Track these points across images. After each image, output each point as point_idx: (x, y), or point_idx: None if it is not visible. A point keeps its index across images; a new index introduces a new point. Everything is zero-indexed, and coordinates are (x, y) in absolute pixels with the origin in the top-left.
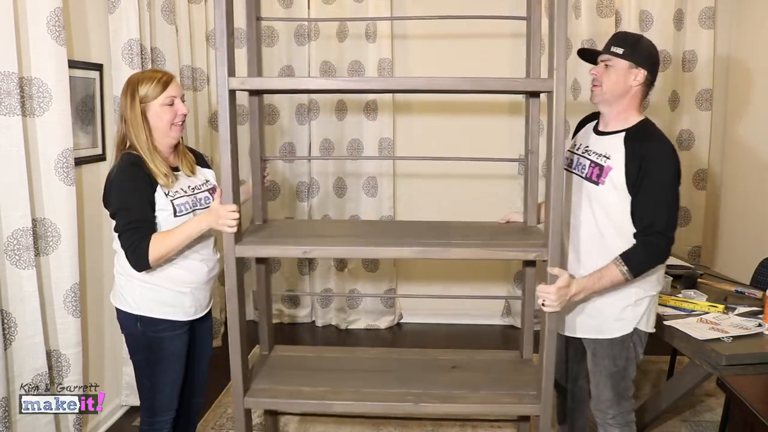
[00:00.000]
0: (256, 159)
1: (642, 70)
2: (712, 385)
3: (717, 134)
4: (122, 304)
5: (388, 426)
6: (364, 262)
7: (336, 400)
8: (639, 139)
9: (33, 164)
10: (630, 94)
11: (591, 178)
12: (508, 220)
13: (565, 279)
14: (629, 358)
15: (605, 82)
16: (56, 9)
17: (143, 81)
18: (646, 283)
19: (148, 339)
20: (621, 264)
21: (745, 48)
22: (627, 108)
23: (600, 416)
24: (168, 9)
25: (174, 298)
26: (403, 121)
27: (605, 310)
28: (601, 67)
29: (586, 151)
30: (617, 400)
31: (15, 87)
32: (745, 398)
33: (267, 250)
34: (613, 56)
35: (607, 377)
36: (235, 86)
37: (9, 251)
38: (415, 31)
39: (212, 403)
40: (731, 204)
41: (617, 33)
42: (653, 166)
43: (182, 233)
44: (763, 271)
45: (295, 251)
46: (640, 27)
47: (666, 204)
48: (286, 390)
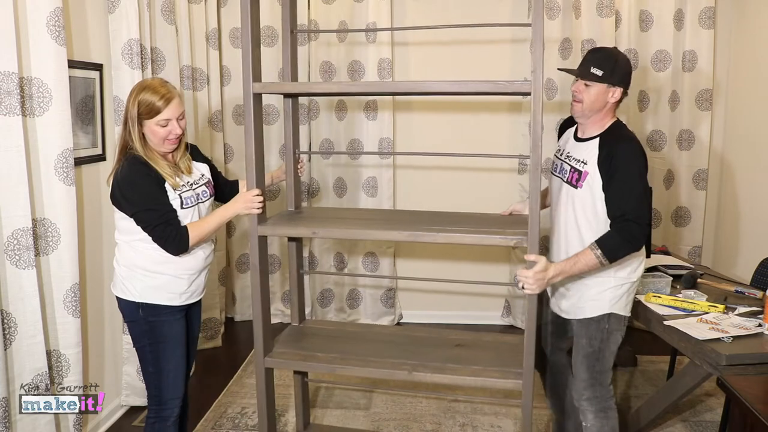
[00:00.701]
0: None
1: (619, 88)
2: (712, 385)
3: (717, 134)
4: (124, 293)
5: (389, 426)
6: (364, 262)
7: (342, 365)
8: (610, 140)
9: (33, 164)
10: (607, 108)
11: (571, 182)
12: (511, 212)
13: (543, 264)
14: (604, 340)
15: (585, 99)
16: (56, 9)
17: (147, 92)
18: (623, 271)
19: (150, 324)
20: (596, 248)
21: (745, 48)
22: (603, 117)
23: (576, 397)
24: (168, 9)
25: (173, 284)
26: (404, 120)
27: (585, 293)
28: (581, 85)
29: (568, 156)
30: (591, 383)
31: (15, 87)
32: (745, 398)
33: (283, 230)
34: (592, 79)
35: (584, 357)
36: (258, 90)
37: (9, 251)
38: (416, 32)
39: (212, 403)
40: (731, 204)
41: (596, 52)
42: (622, 163)
43: (215, 220)
44: (763, 271)
45: (306, 232)
46: (640, 27)
47: (636, 195)
48: (300, 354)
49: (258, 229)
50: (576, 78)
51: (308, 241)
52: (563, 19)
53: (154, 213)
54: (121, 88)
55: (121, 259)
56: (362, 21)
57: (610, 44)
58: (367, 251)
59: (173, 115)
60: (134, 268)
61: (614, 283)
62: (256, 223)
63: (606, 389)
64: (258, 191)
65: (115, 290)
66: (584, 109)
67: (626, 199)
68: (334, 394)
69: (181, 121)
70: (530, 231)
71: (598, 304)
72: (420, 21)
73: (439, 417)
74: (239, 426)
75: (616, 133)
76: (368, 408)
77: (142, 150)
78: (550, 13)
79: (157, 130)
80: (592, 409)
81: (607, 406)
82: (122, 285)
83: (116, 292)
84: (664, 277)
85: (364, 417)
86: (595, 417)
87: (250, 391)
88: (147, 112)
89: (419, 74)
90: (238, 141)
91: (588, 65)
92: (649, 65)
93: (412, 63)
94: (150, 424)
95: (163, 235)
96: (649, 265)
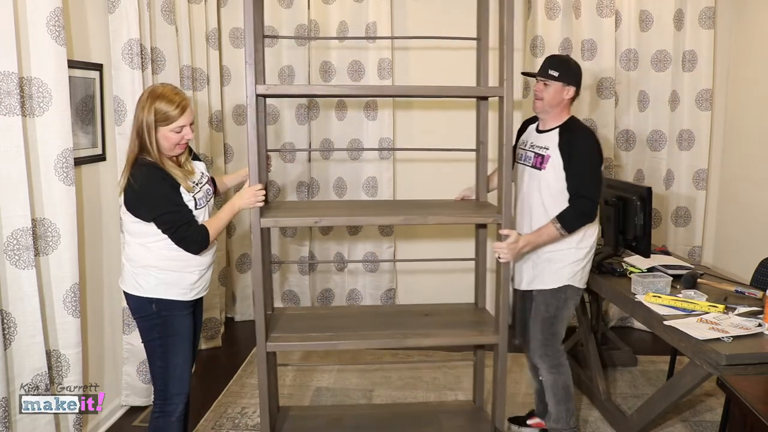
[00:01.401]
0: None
1: (572, 86)
2: (712, 385)
3: (717, 134)
4: (136, 290)
5: None
6: (363, 262)
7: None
8: (568, 132)
9: (33, 164)
10: (563, 104)
11: (536, 166)
12: (462, 197)
13: (515, 236)
14: (559, 308)
15: (545, 96)
16: (56, 9)
17: (162, 101)
18: (582, 241)
19: (162, 319)
20: (556, 222)
21: (745, 48)
22: (560, 112)
23: (532, 355)
24: (168, 9)
25: (185, 279)
26: (404, 120)
27: (546, 268)
28: (541, 85)
29: (531, 146)
30: (545, 343)
31: (15, 87)
32: (745, 398)
33: (286, 221)
34: (550, 79)
35: (540, 321)
36: (261, 92)
37: (9, 251)
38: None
39: (212, 403)
40: (731, 204)
41: (552, 58)
42: (579, 151)
43: (227, 215)
44: (763, 271)
45: (309, 221)
46: (640, 27)
47: (590, 176)
48: (297, 336)
49: (261, 222)
50: (537, 80)
51: (309, 241)
52: (563, 19)
53: (176, 215)
54: (121, 88)
55: (133, 258)
56: (362, 21)
57: (610, 44)
58: (367, 251)
59: (187, 122)
60: (147, 267)
61: (573, 259)
62: (258, 216)
63: (557, 349)
64: (261, 186)
65: (126, 287)
66: (544, 105)
67: (581, 179)
68: (335, 395)
69: (191, 126)
70: (504, 211)
71: (557, 277)
72: (420, 21)
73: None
74: (239, 426)
75: (572, 124)
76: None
77: (157, 156)
78: (550, 13)
79: (171, 136)
80: (545, 365)
81: (559, 363)
82: (134, 282)
83: (127, 289)
84: (664, 277)
85: None
86: (549, 372)
87: (250, 391)
88: (163, 119)
89: (419, 74)
90: (238, 141)
91: (546, 68)
92: (649, 65)
93: (411, 63)
94: (154, 420)
95: (186, 236)
96: (649, 265)
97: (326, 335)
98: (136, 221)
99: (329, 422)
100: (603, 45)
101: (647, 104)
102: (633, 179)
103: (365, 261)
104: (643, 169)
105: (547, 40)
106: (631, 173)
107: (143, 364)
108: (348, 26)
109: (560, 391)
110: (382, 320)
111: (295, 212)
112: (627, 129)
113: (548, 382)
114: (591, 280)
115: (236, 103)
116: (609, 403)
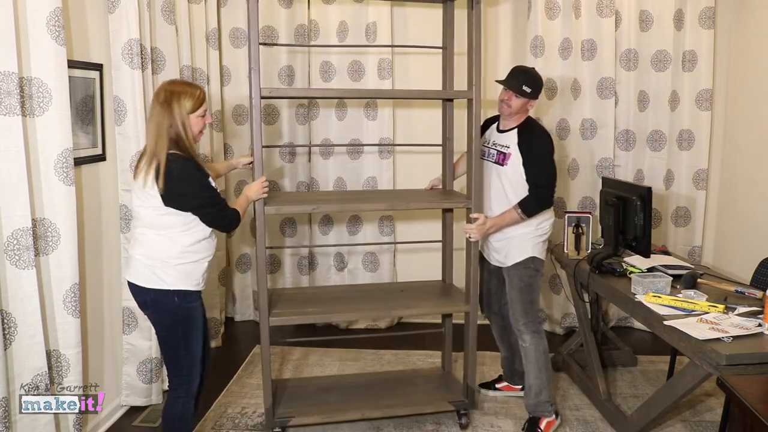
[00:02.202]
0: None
1: (536, 100)
2: (712, 385)
3: (717, 134)
4: (158, 284)
5: (389, 426)
6: (364, 262)
7: (335, 313)
8: (526, 130)
9: (33, 164)
10: (524, 110)
11: (498, 162)
12: (432, 186)
13: (483, 218)
14: (532, 276)
15: (514, 106)
16: (56, 9)
17: (186, 95)
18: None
19: (185, 311)
20: (518, 208)
21: (745, 48)
22: (520, 116)
23: (515, 324)
24: (168, 9)
25: (197, 270)
26: (404, 119)
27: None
28: (512, 95)
29: (494, 144)
30: (525, 310)
31: (15, 87)
32: (745, 398)
33: (287, 209)
34: (523, 96)
35: (518, 291)
36: (265, 94)
37: (9, 251)
38: (416, 31)
39: (212, 403)
40: (731, 204)
41: (526, 72)
42: (536, 148)
43: (243, 203)
44: (763, 271)
45: (306, 208)
46: (640, 27)
47: (546, 169)
48: (296, 311)
49: (265, 210)
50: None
51: (309, 240)
52: (563, 19)
53: (216, 198)
54: (121, 88)
55: (153, 252)
56: (362, 21)
57: (610, 44)
58: (367, 251)
59: (206, 107)
60: (169, 259)
61: (532, 235)
62: (263, 205)
63: (536, 316)
64: (264, 179)
65: (144, 282)
66: (511, 111)
67: (539, 172)
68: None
69: None
70: (474, 198)
71: (522, 251)
72: (420, 21)
73: (439, 417)
74: (239, 426)
75: (529, 125)
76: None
77: (191, 147)
78: (550, 13)
79: (198, 122)
80: (528, 330)
81: (539, 329)
82: (155, 276)
83: (146, 284)
84: (664, 277)
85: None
86: (532, 337)
87: (250, 391)
88: (193, 105)
89: (419, 74)
90: (238, 141)
91: (521, 83)
92: (649, 65)
93: (411, 63)
94: (180, 404)
95: (226, 215)
96: (649, 265)
97: (321, 309)
98: (168, 213)
99: (320, 389)
100: (603, 45)
101: (647, 104)
102: (633, 179)
103: (357, 245)
104: (643, 169)
105: (547, 40)
106: (631, 173)
107: (143, 364)
108: (348, 26)
109: (542, 356)
110: (366, 297)
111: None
112: (627, 129)
113: (531, 347)
114: (591, 280)
115: (236, 103)
116: (609, 403)
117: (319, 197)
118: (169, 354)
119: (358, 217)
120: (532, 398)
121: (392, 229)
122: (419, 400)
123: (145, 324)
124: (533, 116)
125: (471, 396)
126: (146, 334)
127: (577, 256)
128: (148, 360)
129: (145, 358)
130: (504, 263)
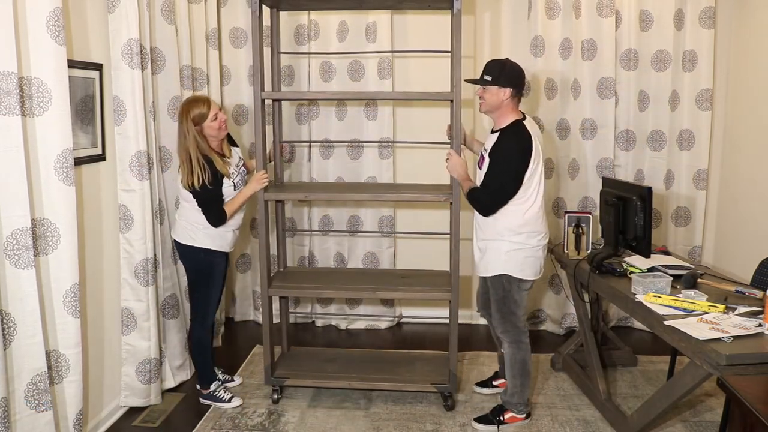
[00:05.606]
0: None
1: (508, 88)
2: (712, 385)
3: (717, 134)
4: (191, 242)
5: (389, 426)
6: (364, 261)
7: (326, 290)
8: (504, 136)
9: (33, 164)
10: (503, 105)
11: (479, 165)
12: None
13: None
14: (505, 290)
15: (486, 99)
16: (56, 9)
17: (192, 105)
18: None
19: (209, 264)
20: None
21: (745, 48)
22: (504, 113)
23: (495, 331)
24: (168, 9)
25: (224, 236)
26: (404, 119)
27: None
28: (481, 89)
29: (483, 147)
30: (503, 320)
31: (15, 87)
32: (745, 398)
33: (281, 195)
34: (485, 84)
35: (495, 302)
36: (264, 96)
37: (8, 251)
38: (416, 31)
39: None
40: (731, 204)
41: (489, 63)
42: (499, 155)
43: (240, 199)
44: (763, 271)
45: (298, 195)
46: (640, 27)
47: (499, 177)
48: (293, 285)
49: (264, 196)
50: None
51: (309, 240)
52: (563, 19)
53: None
54: (121, 88)
55: (190, 219)
56: (362, 22)
57: (610, 44)
58: (367, 251)
59: (216, 109)
60: (198, 225)
61: (506, 249)
62: (263, 193)
63: (517, 327)
64: (264, 171)
65: (182, 239)
66: (488, 106)
67: (491, 177)
68: (335, 394)
69: (221, 111)
70: (454, 191)
71: (491, 267)
72: (420, 21)
73: (439, 417)
74: (239, 426)
75: (511, 131)
76: (368, 408)
77: (207, 149)
78: (550, 13)
79: (212, 125)
80: (507, 340)
81: (519, 340)
82: (189, 236)
83: (183, 241)
84: (664, 277)
85: (363, 417)
86: (509, 346)
87: (250, 391)
88: (201, 118)
89: (419, 74)
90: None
91: (483, 74)
92: (650, 65)
93: (412, 63)
94: (196, 331)
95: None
96: (649, 265)
97: (317, 285)
98: None
99: (325, 360)
100: (603, 45)
101: (647, 104)
102: (633, 179)
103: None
104: (643, 169)
105: (547, 40)
106: (631, 173)
107: (142, 364)
108: (348, 26)
109: (517, 365)
110: (367, 279)
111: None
112: (627, 129)
113: (508, 355)
114: (591, 279)
115: (236, 103)
116: (609, 403)
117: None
118: (192, 293)
119: (358, 217)
120: (506, 396)
121: (392, 223)
122: (405, 379)
123: (145, 324)
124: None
125: (453, 380)
126: (145, 335)
127: (577, 256)
128: (147, 360)
129: (144, 358)
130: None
